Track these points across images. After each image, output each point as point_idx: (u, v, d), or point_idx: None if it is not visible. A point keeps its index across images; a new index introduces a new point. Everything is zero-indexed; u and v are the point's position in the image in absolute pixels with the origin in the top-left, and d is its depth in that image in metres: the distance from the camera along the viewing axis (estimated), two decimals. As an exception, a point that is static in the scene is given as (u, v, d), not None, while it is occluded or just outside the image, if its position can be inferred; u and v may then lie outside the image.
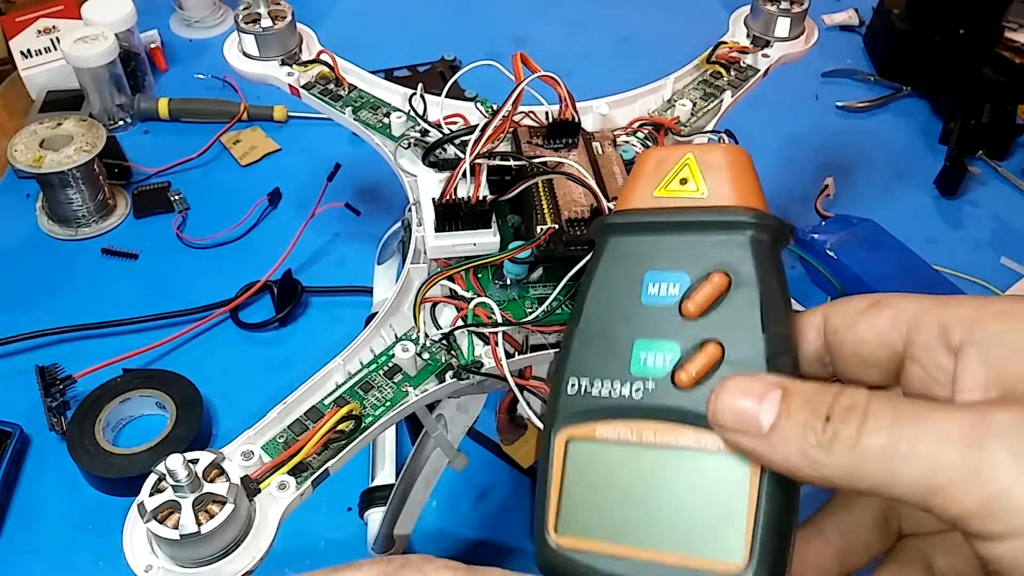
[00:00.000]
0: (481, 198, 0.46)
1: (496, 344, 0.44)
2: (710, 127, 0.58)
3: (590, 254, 0.28)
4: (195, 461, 0.37)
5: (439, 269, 0.47)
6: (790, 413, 0.22)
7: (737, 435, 0.23)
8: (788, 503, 0.24)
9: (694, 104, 0.59)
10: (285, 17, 0.59)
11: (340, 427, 0.41)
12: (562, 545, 0.26)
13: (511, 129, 0.52)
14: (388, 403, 0.43)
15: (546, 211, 0.47)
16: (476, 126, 0.48)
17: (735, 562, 0.23)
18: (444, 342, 0.45)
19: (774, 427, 0.22)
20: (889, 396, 0.22)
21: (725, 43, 0.64)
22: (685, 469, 0.24)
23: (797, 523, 0.24)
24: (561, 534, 0.26)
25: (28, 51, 0.93)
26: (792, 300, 0.51)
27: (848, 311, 0.25)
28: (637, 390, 0.25)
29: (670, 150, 0.28)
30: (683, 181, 0.27)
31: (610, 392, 0.26)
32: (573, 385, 0.26)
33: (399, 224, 0.61)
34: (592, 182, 0.46)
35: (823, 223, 0.78)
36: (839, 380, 0.26)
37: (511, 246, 0.46)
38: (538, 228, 0.46)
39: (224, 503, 0.36)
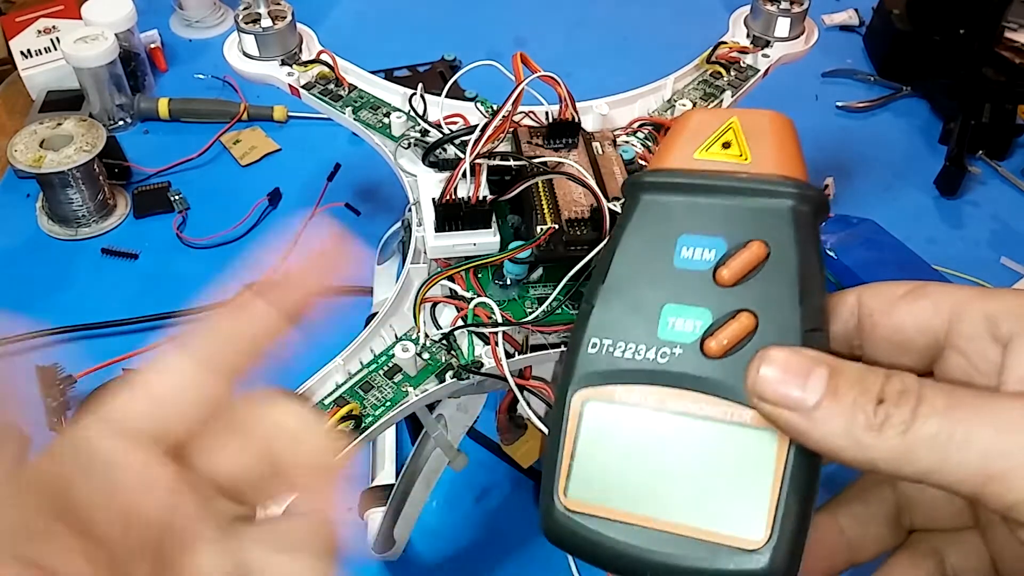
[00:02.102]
0: (481, 198, 0.46)
1: (496, 344, 0.44)
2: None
3: (621, 210, 0.27)
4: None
5: (439, 269, 0.47)
6: (838, 392, 0.22)
7: (777, 409, 0.22)
8: (813, 484, 0.23)
9: (694, 104, 0.59)
10: (285, 17, 0.59)
11: (340, 427, 0.41)
12: (571, 508, 0.25)
13: (511, 129, 0.52)
14: (388, 403, 0.43)
15: (546, 211, 0.47)
16: (476, 126, 0.48)
17: (755, 539, 0.23)
18: (444, 342, 0.45)
19: (819, 404, 0.22)
20: (938, 384, 0.21)
21: (725, 43, 0.64)
22: (708, 440, 0.24)
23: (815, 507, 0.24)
24: (571, 498, 0.25)
25: (28, 51, 0.93)
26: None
27: (886, 295, 0.25)
28: (663, 355, 0.24)
29: (714, 113, 0.27)
30: (726, 145, 0.26)
31: (634, 355, 0.25)
32: (595, 345, 0.25)
33: (399, 224, 0.61)
34: (592, 182, 0.46)
35: (823, 223, 0.78)
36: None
37: (511, 246, 0.46)
38: (538, 228, 0.46)
39: (224, 503, 0.36)
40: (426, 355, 0.45)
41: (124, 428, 0.20)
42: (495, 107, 0.50)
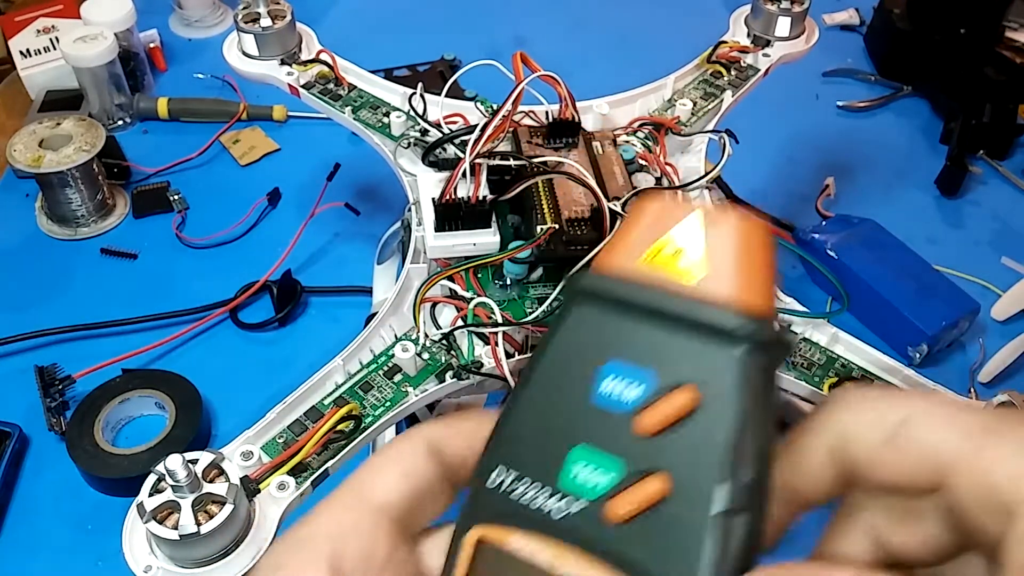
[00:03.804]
0: (481, 198, 0.45)
1: (496, 344, 0.44)
2: (710, 127, 0.58)
3: (556, 313, 0.24)
4: (194, 461, 0.37)
5: (439, 269, 0.47)
6: None
7: None
8: None
9: (694, 104, 0.59)
10: (284, 16, 0.59)
11: (340, 427, 0.41)
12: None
13: (511, 129, 0.52)
14: (388, 403, 0.43)
15: (546, 211, 0.47)
16: (476, 126, 0.48)
17: None
18: (444, 342, 0.45)
19: None
20: None
21: (725, 43, 0.63)
22: None
23: None
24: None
25: (27, 51, 0.93)
26: (794, 300, 0.50)
27: (871, 437, 0.20)
28: (560, 510, 0.21)
29: (674, 206, 0.22)
30: (678, 252, 0.21)
31: (532, 500, 0.21)
32: (498, 475, 0.22)
33: (399, 224, 0.61)
34: (592, 182, 0.46)
35: (823, 223, 0.78)
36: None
37: (511, 246, 0.46)
38: (538, 228, 0.46)
39: (223, 503, 0.36)
40: (426, 355, 0.45)
41: None
42: (495, 107, 0.50)
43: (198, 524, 0.35)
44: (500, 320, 0.44)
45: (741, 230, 0.21)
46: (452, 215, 0.46)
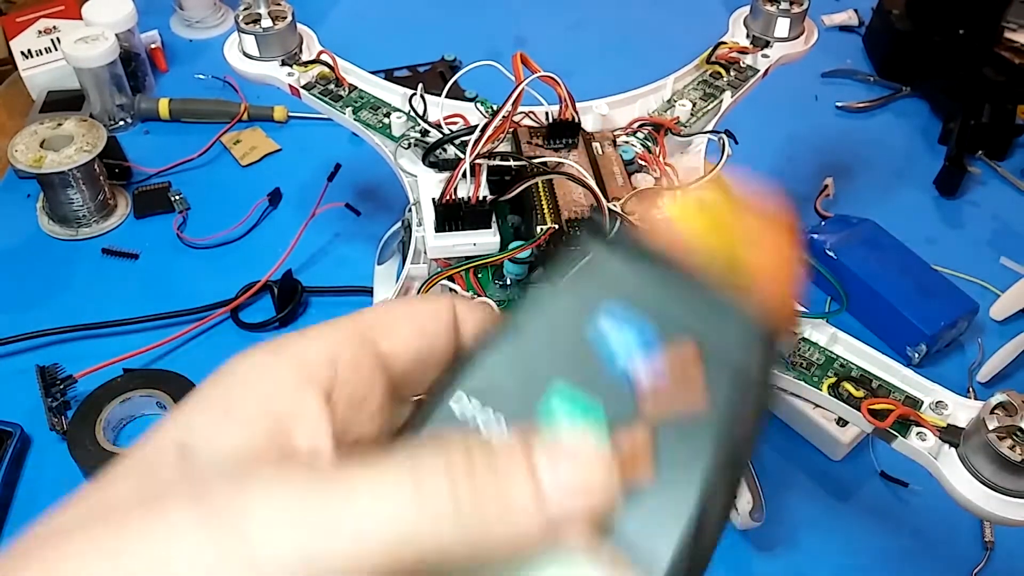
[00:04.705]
0: (481, 198, 0.46)
1: (496, 344, 0.44)
2: (710, 127, 0.58)
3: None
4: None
5: (439, 269, 0.47)
6: None
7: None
8: None
9: (694, 104, 0.59)
10: (285, 17, 0.59)
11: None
12: None
13: (511, 129, 0.52)
14: (388, 403, 0.43)
15: (546, 211, 0.47)
16: (476, 126, 0.48)
17: None
18: (444, 342, 0.45)
19: None
20: None
21: (725, 43, 0.64)
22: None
23: None
24: None
25: (29, 51, 0.93)
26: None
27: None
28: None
29: (722, 194, 0.21)
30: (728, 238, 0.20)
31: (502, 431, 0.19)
32: (457, 400, 0.20)
33: (399, 224, 0.61)
34: (592, 182, 0.47)
35: (823, 223, 0.78)
36: None
37: (511, 246, 0.46)
38: (538, 228, 0.46)
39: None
40: (426, 355, 0.45)
41: None
42: (495, 107, 0.50)
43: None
44: (500, 320, 0.44)
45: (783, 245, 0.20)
46: (452, 215, 0.46)
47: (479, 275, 0.47)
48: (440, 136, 0.52)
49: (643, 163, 0.54)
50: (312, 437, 0.19)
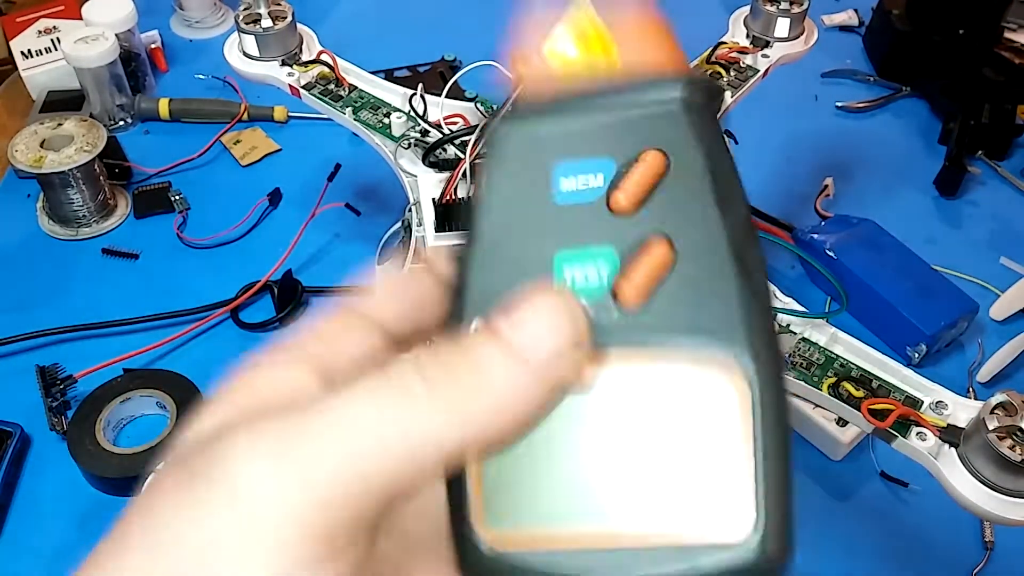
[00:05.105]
0: (481, 198, 0.46)
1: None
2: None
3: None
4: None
5: (439, 269, 0.47)
6: None
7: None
8: (787, 436, 0.19)
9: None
10: (285, 17, 0.60)
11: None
12: (498, 546, 0.19)
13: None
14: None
15: (546, 211, 0.47)
16: (476, 126, 0.48)
17: (739, 526, 0.18)
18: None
19: None
20: None
21: (725, 43, 0.64)
22: (649, 410, 0.18)
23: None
24: (494, 529, 0.19)
25: (29, 51, 0.93)
26: (793, 300, 0.50)
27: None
28: None
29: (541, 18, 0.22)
30: (576, 42, 0.21)
31: None
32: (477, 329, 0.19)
33: (399, 224, 0.61)
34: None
35: (823, 223, 0.78)
36: None
37: (511, 246, 0.46)
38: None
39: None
40: (426, 355, 0.45)
41: None
42: (495, 107, 0.50)
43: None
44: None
45: (639, 16, 0.21)
46: (452, 215, 0.46)
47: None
48: (440, 136, 0.53)
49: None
50: None
